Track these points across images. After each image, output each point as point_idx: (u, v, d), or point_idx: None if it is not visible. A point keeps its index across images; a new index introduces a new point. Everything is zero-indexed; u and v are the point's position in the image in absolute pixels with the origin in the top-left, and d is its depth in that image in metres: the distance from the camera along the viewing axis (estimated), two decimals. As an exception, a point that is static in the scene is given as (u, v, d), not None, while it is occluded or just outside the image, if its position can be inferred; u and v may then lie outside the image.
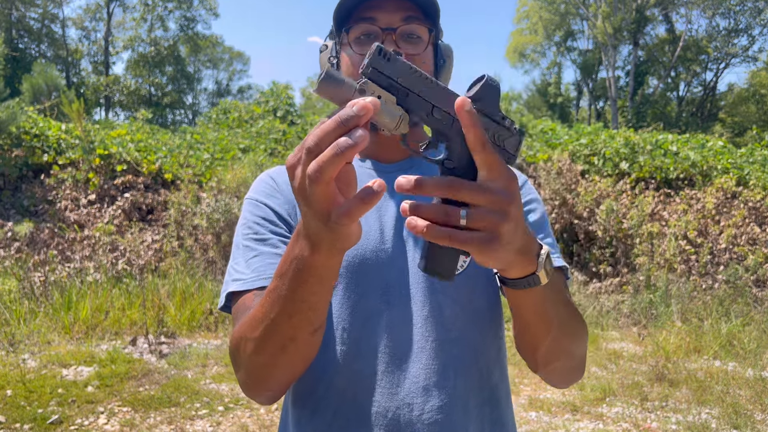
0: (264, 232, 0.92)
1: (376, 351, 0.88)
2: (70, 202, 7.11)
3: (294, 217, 0.95)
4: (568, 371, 0.91)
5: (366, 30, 0.90)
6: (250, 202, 0.97)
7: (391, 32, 0.89)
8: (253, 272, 0.88)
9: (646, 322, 5.68)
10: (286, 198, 0.96)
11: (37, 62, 17.70)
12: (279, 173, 1.01)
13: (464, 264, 0.92)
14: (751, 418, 3.64)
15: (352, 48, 0.91)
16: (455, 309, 0.90)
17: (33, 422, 3.26)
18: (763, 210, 7.06)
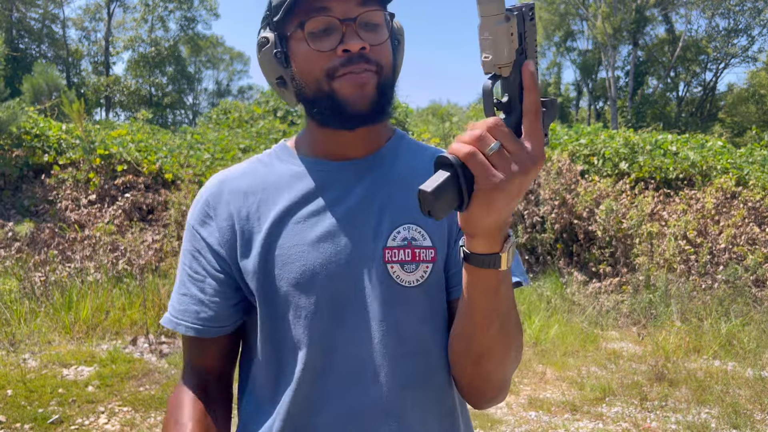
0: (197, 268, 0.89)
1: (331, 372, 0.84)
2: (70, 202, 7.11)
3: (225, 245, 0.87)
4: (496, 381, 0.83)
5: (324, 23, 0.81)
6: (188, 227, 0.93)
7: (351, 23, 0.80)
8: (177, 313, 0.90)
9: (646, 321, 5.69)
10: (218, 225, 0.89)
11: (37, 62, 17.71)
12: (219, 185, 0.92)
13: (425, 275, 0.85)
14: (751, 417, 3.65)
15: (309, 43, 0.81)
16: (413, 322, 0.85)
17: (33, 422, 3.27)
18: (762, 210, 7.07)
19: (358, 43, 0.80)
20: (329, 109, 0.83)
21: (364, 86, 0.81)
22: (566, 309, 5.80)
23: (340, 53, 0.80)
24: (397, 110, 9.20)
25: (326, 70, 0.81)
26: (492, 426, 3.53)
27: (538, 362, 4.62)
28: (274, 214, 0.86)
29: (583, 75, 32.00)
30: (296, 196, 0.87)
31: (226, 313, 0.89)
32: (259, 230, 0.86)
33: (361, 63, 0.81)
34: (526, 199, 6.97)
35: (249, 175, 0.92)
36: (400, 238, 0.85)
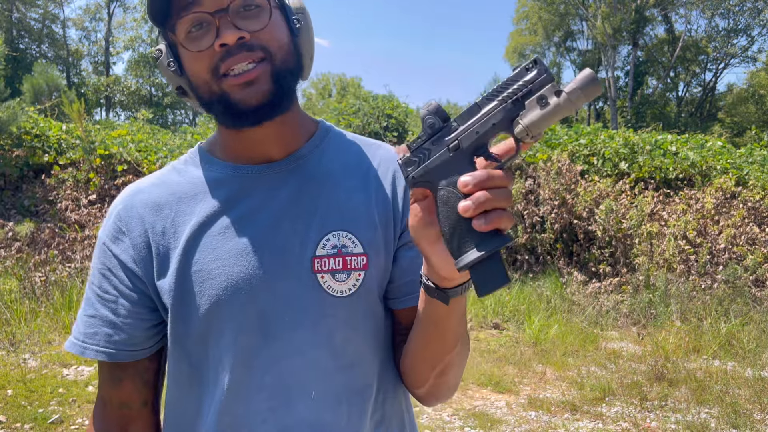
0: (107, 287, 0.83)
1: (259, 391, 0.79)
2: (70, 202, 7.12)
3: (140, 263, 0.81)
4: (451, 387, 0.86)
5: (195, 20, 0.74)
6: (98, 243, 0.86)
7: (224, 14, 0.73)
8: (86, 338, 0.83)
9: (646, 321, 5.69)
10: (131, 240, 0.82)
11: (37, 62, 17.72)
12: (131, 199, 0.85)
13: (357, 283, 0.81)
14: (751, 417, 3.65)
15: (185, 46, 0.76)
16: (347, 333, 0.81)
17: (34, 422, 3.27)
18: (762, 210, 7.07)
19: (234, 33, 0.73)
20: (223, 110, 0.78)
21: (255, 82, 0.74)
22: (566, 309, 5.81)
23: (218, 48, 0.74)
24: (397, 110, 9.20)
25: (211, 70, 0.75)
26: (492, 426, 3.54)
27: (538, 362, 4.62)
28: (191, 227, 0.80)
29: (583, 75, 31.96)
30: (214, 205, 0.81)
31: (141, 335, 0.83)
32: (176, 246, 0.80)
33: (242, 53, 0.74)
34: (526, 200, 6.98)
35: (162, 186, 0.85)
36: (329, 246, 0.80)
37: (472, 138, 0.60)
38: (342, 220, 0.82)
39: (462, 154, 0.61)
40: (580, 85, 0.57)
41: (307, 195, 0.82)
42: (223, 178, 0.83)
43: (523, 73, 0.59)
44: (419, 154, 0.63)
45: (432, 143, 0.62)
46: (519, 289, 6.15)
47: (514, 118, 0.59)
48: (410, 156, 0.63)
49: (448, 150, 0.61)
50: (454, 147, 0.61)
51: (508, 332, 5.40)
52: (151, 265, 0.81)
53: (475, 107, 0.61)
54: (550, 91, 0.58)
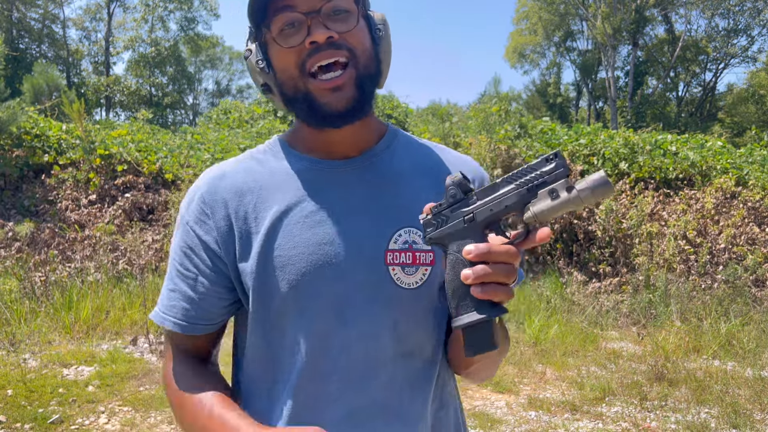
0: (188, 265, 0.87)
1: (332, 372, 0.84)
2: (70, 202, 7.12)
3: (222, 245, 0.86)
4: (484, 378, 0.98)
5: (288, 19, 0.81)
6: (181, 223, 0.90)
7: (316, 15, 0.80)
8: (166, 310, 0.89)
9: (646, 321, 5.69)
10: (215, 223, 0.87)
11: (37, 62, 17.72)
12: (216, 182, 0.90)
13: (423, 277, 0.87)
14: (751, 417, 3.65)
15: (277, 42, 0.82)
16: (411, 323, 0.87)
17: (34, 422, 3.27)
18: (762, 210, 7.07)
19: (324, 33, 0.79)
20: (306, 110, 0.84)
21: (342, 88, 0.81)
22: (566, 309, 5.81)
23: (308, 46, 0.80)
24: (397, 110, 9.20)
25: (298, 66, 0.81)
26: (492, 426, 3.54)
27: (538, 362, 4.62)
28: (272, 215, 0.85)
29: (583, 75, 32.00)
30: (294, 195, 0.86)
31: (216, 312, 0.88)
32: (257, 231, 0.85)
33: (330, 50, 0.80)
34: (525, 199, 6.98)
35: (244, 173, 0.90)
36: (401, 241, 0.86)
37: (486, 214, 0.69)
38: (412, 217, 0.86)
39: (475, 225, 0.69)
40: (591, 185, 0.62)
41: (381, 192, 0.88)
42: (303, 170, 0.89)
43: (543, 163, 0.66)
44: (439, 219, 0.71)
45: (451, 211, 0.70)
46: (519, 289, 6.15)
47: (527, 203, 0.66)
48: (431, 218, 0.72)
49: (463, 220, 0.70)
50: (469, 219, 0.69)
51: (508, 332, 5.39)
52: (233, 248, 0.86)
53: (494, 186, 0.69)
54: (562, 186, 0.64)
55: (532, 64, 34.17)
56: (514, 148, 7.55)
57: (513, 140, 7.90)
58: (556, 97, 33.25)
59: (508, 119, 8.93)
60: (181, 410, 0.86)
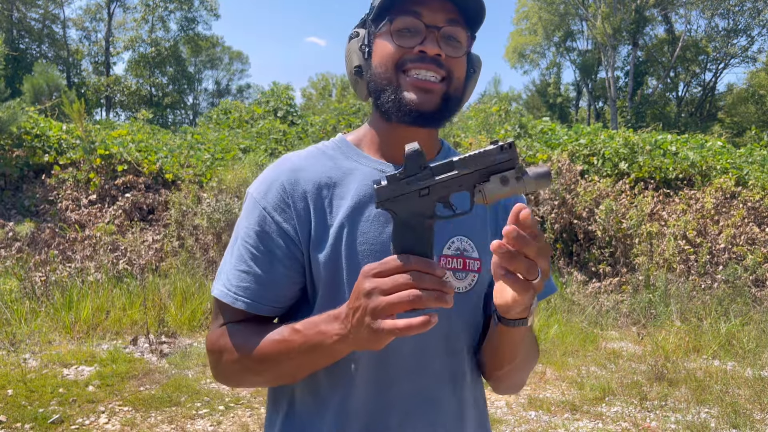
0: (262, 248, 0.91)
1: (390, 363, 0.91)
2: (71, 202, 7.12)
3: (301, 233, 0.91)
4: (514, 387, 1.04)
5: (411, 24, 0.88)
6: (257, 208, 0.93)
7: (435, 30, 0.88)
8: (238, 290, 0.91)
9: (646, 321, 5.69)
10: (296, 212, 0.92)
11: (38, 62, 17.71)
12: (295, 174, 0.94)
13: (472, 283, 0.94)
14: (750, 417, 3.65)
15: (393, 39, 0.89)
16: (459, 324, 0.95)
17: (34, 422, 3.28)
18: (762, 210, 7.07)
19: (435, 49, 0.87)
20: (392, 101, 0.89)
21: (430, 92, 0.88)
22: (566, 309, 5.81)
23: (417, 52, 0.88)
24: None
25: (397, 62, 0.89)
26: (492, 426, 3.53)
27: (538, 362, 4.62)
28: (345, 211, 0.91)
29: (583, 75, 32.00)
30: (363, 195, 0.92)
31: (287, 295, 0.93)
32: (332, 223, 0.91)
33: (432, 64, 0.88)
34: (525, 199, 6.98)
35: (319, 168, 0.95)
36: (453, 248, 0.94)
37: (441, 191, 0.74)
38: (463, 227, 0.95)
39: (428, 199, 0.74)
40: (535, 178, 0.72)
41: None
42: (371, 172, 0.94)
43: (498, 151, 0.72)
44: (394, 187, 0.74)
45: (408, 183, 0.73)
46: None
47: (478, 184, 0.73)
48: (387, 186, 0.74)
49: (419, 193, 0.73)
50: (425, 193, 0.74)
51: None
52: (309, 237, 0.91)
53: (449, 164, 0.73)
54: (512, 174, 0.72)
55: (532, 64, 34.18)
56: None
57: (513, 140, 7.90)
58: (556, 97, 33.25)
59: (508, 119, 8.93)
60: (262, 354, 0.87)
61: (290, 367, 0.86)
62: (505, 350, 0.91)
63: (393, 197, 0.74)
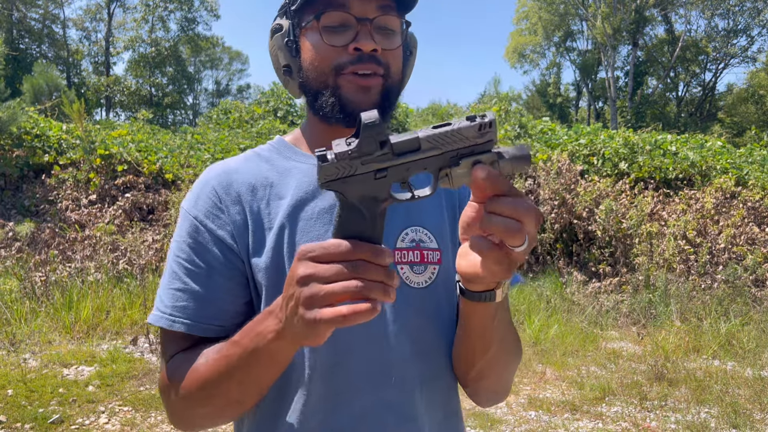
0: (199, 262, 0.82)
1: (344, 373, 0.82)
2: (71, 202, 7.12)
3: (238, 239, 0.83)
4: (494, 393, 0.91)
5: (341, 19, 0.81)
6: (187, 219, 0.85)
7: (367, 23, 0.81)
8: (175, 311, 0.82)
9: (646, 321, 5.69)
10: (230, 217, 0.84)
11: (37, 62, 17.72)
12: (227, 177, 0.87)
13: (432, 276, 0.86)
14: (750, 417, 3.66)
15: (323, 37, 0.82)
16: (422, 323, 0.86)
17: (34, 422, 3.28)
18: (762, 210, 7.07)
19: (371, 44, 0.80)
20: (331, 104, 0.83)
21: (369, 90, 0.82)
22: (566, 309, 5.81)
23: (352, 51, 0.81)
24: (397, 110, 9.20)
25: (334, 66, 0.82)
26: (492, 426, 3.54)
27: (538, 362, 4.62)
28: (286, 210, 0.84)
29: (583, 75, 32.01)
30: (304, 193, 0.86)
31: (231, 310, 0.84)
32: (270, 226, 0.84)
33: (371, 63, 0.81)
34: (525, 199, 6.99)
35: (253, 170, 0.88)
36: (408, 240, 0.86)
37: (401, 174, 0.61)
38: (418, 216, 0.88)
39: (385, 182, 0.61)
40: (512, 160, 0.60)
41: None
42: (311, 169, 0.88)
43: (474, 131, 0.59)
44: (344, 166, 0.60)
45: (362, 162, 0.60)
46: (519, 289, 6.15)
47: (445, 167, 0.61)
48: (335, 163, 0.60)
49: (374, 175, 0.61)
50: (381, 176, 0.61)
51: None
52: (248, 243, 0.84)
53: (415, 141, 0.60)
54: (487, 158, 0.60)
55: (532, 64, 34.19)
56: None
57: (513, 140, 7.90)
58: (556, 97, 33.26)
59: (508, 119, 8.93)
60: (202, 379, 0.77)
61: (235, 388, 0.75)
62: (474, 337, 0.80)
63: (342, 177, 0.61)
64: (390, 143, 0.60)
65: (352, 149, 0.60)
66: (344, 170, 0.60)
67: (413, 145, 0.60)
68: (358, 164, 0.60)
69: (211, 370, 0.76)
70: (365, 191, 0.61)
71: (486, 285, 0.70)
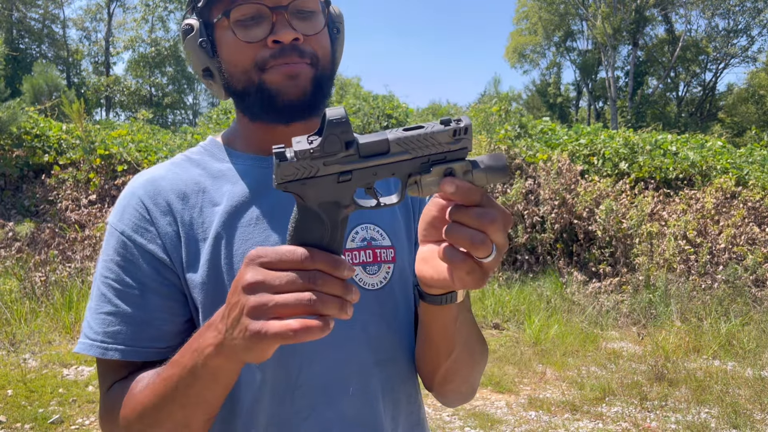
0: (129, 281, 0.75)
1: (297, 388, 0.76)
2: (70, 202, 7.12)
3: (171, 252, 0.76)
4: (461, 395, 0.87)
5: (252, 11, 0.74)
6: (114, 235, 0.77)
7: (282, 11, 0.74)
8: (106, 337, 0.74)
9: (646, 321, 5.69)
10: (160, 229, 0.76)
11: (37, 62, 17.71)
12: (154, 185, 0.79)
13: (387, 276, 0.80)
14: (751, 417, 3.65)
15: (235, 33, 0.75)
16: (381, 327, 0.80)
17: (34, 422, 3.28)
18: (762, 210, 7.07)
19: (291, 34, 0.74)
20: (259, 102, 0.77)
21: (297, 76, 0.75)
22: (566, 309, 5.81)
23: (271, 44, 0.75)
24: (397, 110, 9.20)
25: (256, 62, 0.75)
26: (492, 426, 3.54)
27: (538, 362, 4.62)
28: (220, 218, 0.77)
29: (583, 75, 32.01)
30: (241, 196, 0.79)
31: (170, 330, 0.76)
32: (204, 237, 0.77)
33: (294, 55, 0.75)
34: (526, 200, 6.98)
35: (183, 175, 0.81)
36: (359, 239, 0.80)
37: (367, 178, 0.57)
38: (368, 212, 0.81)
39: (349, 186, 0.57)
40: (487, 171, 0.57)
41: None
42: (248, 170, 0.81)
43: (448, 137, 0.56)
44: (304, 166, 0.55)
45: (324, 163, 0.55)
46: (519, 289, 6.15)
47: (415, 173, 0.57)
48: (294, 163, 0.54)
49: (337, 178, 0.56)
50: (345, 179, 0.56)
51: (508, 332, 5.40)
52: (181, 256, 0.77)
53: (384, 143, 0.56)
54: (461, 168, 0.56)
55: (532, 64, 34.19)
56: (514, 148, 7.56)
57: (513, 140, 7.90)
58: (556, 97, 33.26)
59: (508, 119, 8.92)
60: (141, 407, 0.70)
61: (178, 411, 0.67)
62: (437, 340, 0.75)
63: (302, 178, 0.55)
64: (357, 144, 0.55)
65: (314, 148, 0.54)
66: (304, 171, 0.55)
67: (382, 148, 0.56)
68: (320, 165, 0.55)
69: (150, 395, 0.69)
70: (326, 196, 0.56)
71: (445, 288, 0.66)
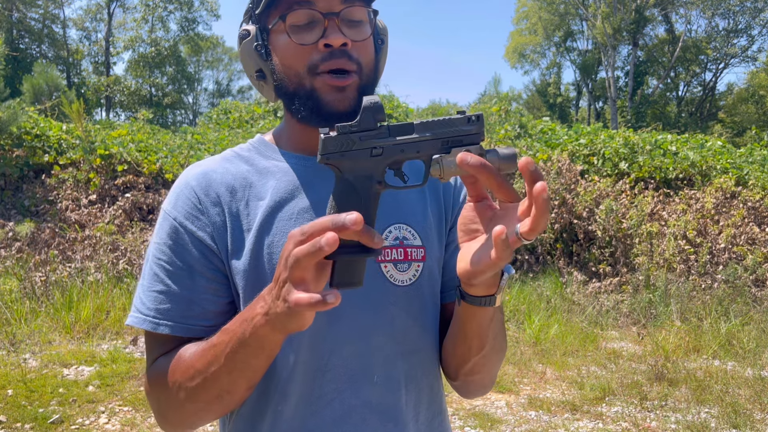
0: (178, 263, 0.82)
1: (325, 372, 0.82)
2: (71, 202, 7.12)
3: (218, 240, 0.83)
4: (482, 386, 0.93)
5: (307, 17, 0.80)
6: (167, 220, 0.85)
7: (334, 17, 0.80)
8: (157, 313, 0.81)
9: (646, 321, 5.69)
10: (210, 218, 0.83)
11: (37, 62, 17.71)
12: (206, 177, 0.86)
13: (416, 274, 0.86)
14: (751, 417, 3.65)
15: (290, 36, 0.81)
16: (407, 321, 0.86)
17: (34, 422, 3.28)
18: (762, 210, 7.07)
19: (340, 38, 0.79)
20: (308, 107, 0.82)
21: (345, 89, 0.81)
22: (566, 309, 5.81)
23: (322, 48, 0.80)
24: (398, 110, 9.20)
25: (308, 65, 0.81)
26: (492, 426, 3.54)
27: (538, 362, 4.62)
28: (264, 211, 0.84)
29: (583, 75, 32.01)
30: (284, 192, 0.85)
31: (214, 311, 0.83)
32: (249, 228, 0.83)
33: (343, 58, 0.80)
34: (526, 199, 6.98)
35: (232, 170, 0.88)
36: (391, 238, 0.86)
37: (395, 154, 0.66)
38: (401, 213, 0.88)
39: (380, 161, 0.66)
40: (500, 157, 0.64)
41: None
42: (292, 167, 0.87)
43: (464, 122, 0.65)
44: (344, 140, 0.65)
45: (360, 138, 0.65)
46: (519, 289, 6.15)
47: (436, 155, 0.65)
48: (335, 137, 0.65)
49: (370, 152, 0.65)
50: (377, 153, 0.65)
51: (508, 332, 5.40)
52: (227, 245, 0.83)
53: (409, 126, 0.65)
54: (476, 150, 0.64)
55: (532, 64, 34.19)
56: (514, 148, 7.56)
57: (513, 140, 7.90)
58: (556, 97, 33.26)
59: (508, 119, 8.92)
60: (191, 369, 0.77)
61: (225, 377, 0.73)
62: (471, 337, 0.81)
63: (341, 151, 0.64)
64: (387, 125, 0.65)
65: (352, 124, 0.65)
66: (343, 144, 0.65)
67: (407, 129, 0.65)
68: (357, 139, 0.65)
69: (200, 359, 0.75)
70: (361, 169, 0.65)
71: (486, 289, 0.72)
